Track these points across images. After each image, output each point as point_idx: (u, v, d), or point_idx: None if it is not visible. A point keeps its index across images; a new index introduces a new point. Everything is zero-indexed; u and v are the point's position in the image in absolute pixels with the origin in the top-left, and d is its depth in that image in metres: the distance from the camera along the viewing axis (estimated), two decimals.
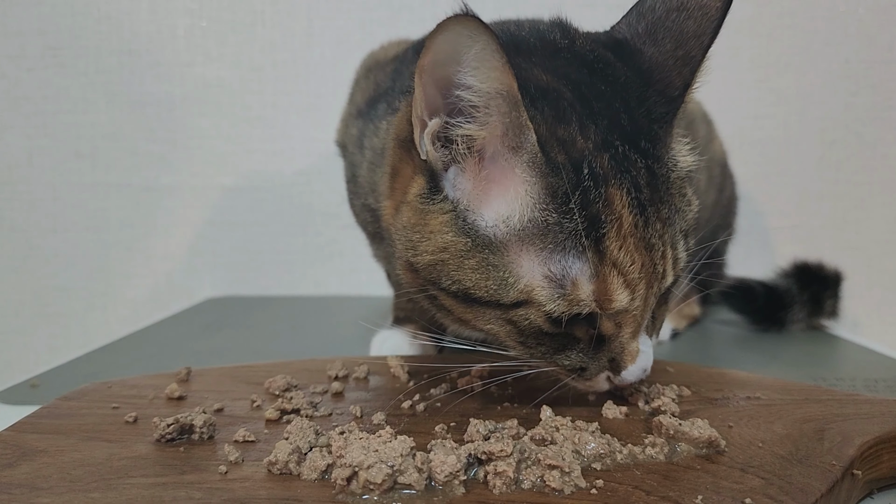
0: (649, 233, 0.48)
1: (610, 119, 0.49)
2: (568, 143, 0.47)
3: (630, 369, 0.50)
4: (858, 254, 1.32)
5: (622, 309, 0.48)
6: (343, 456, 0.41)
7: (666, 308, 0.56)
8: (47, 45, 1.34)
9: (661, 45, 0.51)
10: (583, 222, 0.46)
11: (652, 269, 0.48)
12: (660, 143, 0.50)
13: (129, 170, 1.37)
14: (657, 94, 0.51)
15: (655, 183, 0.49)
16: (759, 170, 1.31)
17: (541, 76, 0.50)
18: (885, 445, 0.47)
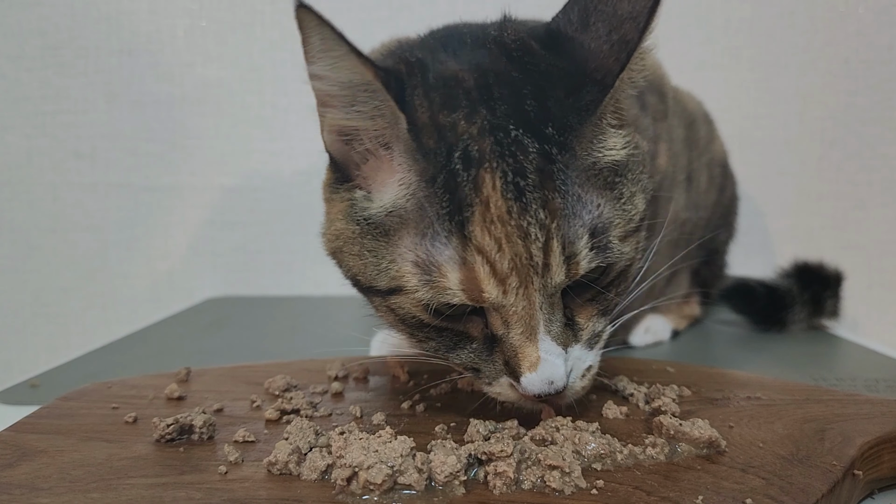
0: (527, 221, 0.44)
1: (511, 105, 0.47)
2: (446, 129, 0.46)
3: (529, 378, 0.46)
4: (859, 254, 1.32)
5: (497, 303, 0.45)
6: (343, 456, 0.41)
7: (595, 313, 0.50)
8: (47, 44, 1.34)
9: (595, 29, 0.48)
10: (447, 206, 0.45)
11: (528, 260, 0.44)
12: (572, 132, 0.47)
13: (129, 170, 1.37)
14: (591, 81, 0.47)
15: (551, 170, 0.45)
16: (759, 170, 1.31)
17: (449, 67, 0.50)
18: (885, 446, 0.47)
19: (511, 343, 0.47)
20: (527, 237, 0.44)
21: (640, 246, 0.51)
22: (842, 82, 1.31)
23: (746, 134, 1.29)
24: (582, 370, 0.50)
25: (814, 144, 1.33)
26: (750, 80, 1.31)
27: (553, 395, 0.47)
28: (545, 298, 0.46)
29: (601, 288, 0.49)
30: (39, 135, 1.36)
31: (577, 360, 0.49)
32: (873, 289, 1.32)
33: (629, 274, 0.51)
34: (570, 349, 0.48)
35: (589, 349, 0.50)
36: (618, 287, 0.50)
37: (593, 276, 0.48)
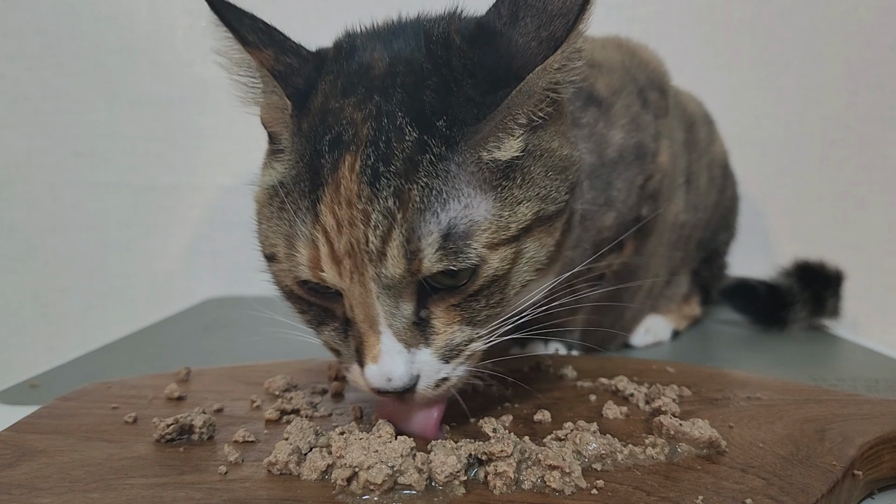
0: (373, 207, 0.43)
1: (409, 94, 0.46)
2: (331, 113, 0.47)
3: (371, 368, 0.45)
4: (859, 254, 1.32)
5: (335, 285, 0.45)
6: (343, 456, 0.41)
7: (458, 321, 0.47)
8: (46, 44, 1.34)
9: (523, 25, 0.46)
10: (309, 184, 0.45)
11: (364, 245, 0.43)
12: (464, 127, 0.45)
13: (129, 169, 1.37)
14: (512, 78, 0.45)
15: (420, 161, 0.44)
16: (760, 169, 1.31)
17: (373, 55, 0.50)
18: (885, 446, 0.47)
19: (358, 329, 0.46)
20: (368, 223, 0.43)
21: (528, 255, 0.47)
22: (842, 82, 1.31)
23: (747, 134, 1.29)
24: (434, 380, 0.46)
25: (814, 144, 1.33)
26: (750, 79, 1.31)
27: (394, 393, 0.45)
28: (382, 289, 0.44)
29: (467, 295, 0.46)
30: (39, 134, 1.36)
31: (426, 365, 0.46)
32: (874, 289, 1.32)
33: (507, 287, 0.47)
34: (417, 351, 0.46)
35: (444, 361, 0.46)
36: (489, 299, 0.46)
37: (453, 279, 0.45)
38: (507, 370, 0.64)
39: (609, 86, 0.72)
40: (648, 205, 0.77)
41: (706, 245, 1.04)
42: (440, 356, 0.46)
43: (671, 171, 0.82)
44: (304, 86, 0.49)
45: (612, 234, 0.73)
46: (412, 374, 0.45)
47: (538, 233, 0.47)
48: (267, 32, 0.52)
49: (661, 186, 0.78)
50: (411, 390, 0.46)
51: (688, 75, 1.01)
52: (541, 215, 0.47)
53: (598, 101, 0.70)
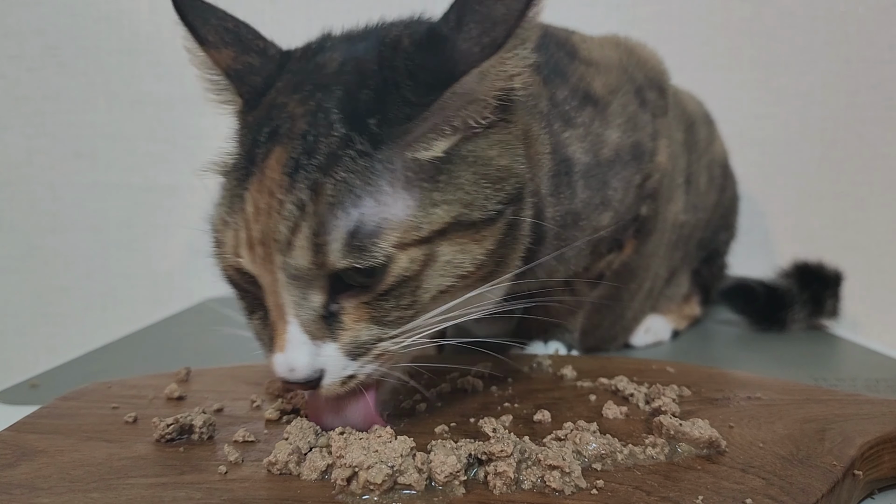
0: (289, 197, 0.44)
1: (349, 93, 0.47)
2: (276, 107, 0.48)
3: (277, 357, 0.46)
4: (859, 254, 1.32)
5: (251, 271, 0.47)
6: (343, 456, 0.41)
7: (366, 319, 0.46)
8: (47, 44, 1.34)
9: (468, 30, 0.46)
10: (243, 172, 0.47)
11: (275, 235, 0.44)
12: (393, 127, 0.45)
13: (129, 169, 1.37)
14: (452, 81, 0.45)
15: (341, 157, 0.44)
16: (760, 170, 1.31)
17: (331, 55, 0.51)
18: (886, 446, 0.47)
19: (271, 317, 0.47)
20: (281, 212, 0.44)
21: (444, 259, 0.46)
22: (842, 82, 1.31)
23: (747, 134, 1.29)
24: (340, 376, 0.46)
25: (814, 144, 1.33)
26: (750, 79, 1.31)
27: (298, 385, 0.46)
28: (290, 279, 0.44)
29: (377, 295, 0.45)
30: (39, 134, 1.36)
31: (331, 360, 0.46)
32: (874, 289, 1.32)
33: (419, 290, 0.46)
34: (322, 345, 0.45)
35: (350, 358, 0.46)
36: (399, 300, 0.46)
37: (365, 277, 0.45)
38: (506, 370, 0.64)
39: (606, 85, 0.72)
40: (647, 204, 0.77)
41: (706, 245, 1.04)
42: (346, 352, 0.46)
43: (670, 170, 0.81)
44: (262, 84, 0.51)
45: (610, 234, 0.72)
46: (315, 367, 0.45)
47: (458, 238, 0.46)
48: (233, 31, 0.53)
49: (659, 186, 0.77)
50: (317, 384, 0.46)
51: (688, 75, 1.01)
52: (461, 220, 0.46)
53: (595, 101, 0.70)
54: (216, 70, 0.53)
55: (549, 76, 0.67)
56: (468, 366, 0.64)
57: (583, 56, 0.72)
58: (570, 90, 0.68)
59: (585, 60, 0.72)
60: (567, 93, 0.68)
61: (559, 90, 0.67)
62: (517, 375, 0.63)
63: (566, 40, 0.73)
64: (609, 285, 0.81)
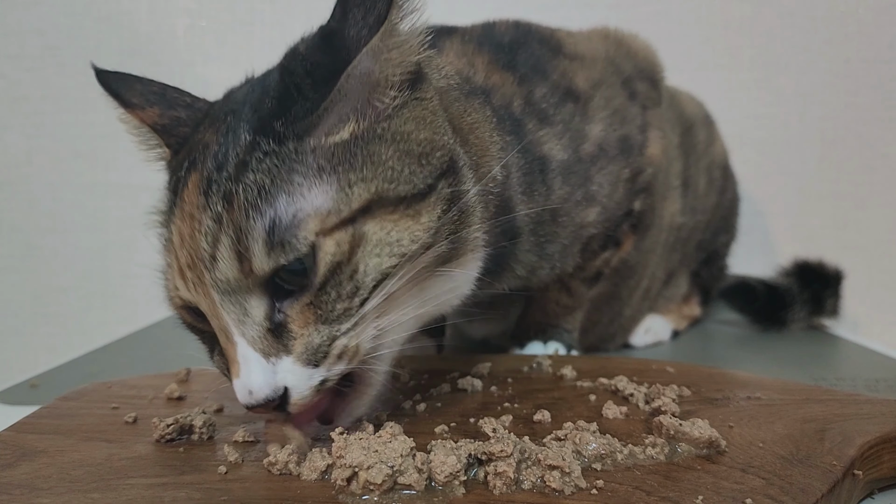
0: (206, 215, 0.44)
1: (253, 106, 0.48)
2: (194, 143, 0.50)
3: (235, 384, 0.44)
4: (859, 254, 1.32)
5: (190, 301, 0.46)
6: (343, 456, 0.41)
7: (313, 321, 0.44)
8: (47, 44, 1.34)
9: (352, 16, 0.46)
10: (168, 210, 0.48)
11: (199, 254, 0.44)
12: (297, 122, 0.45)
13: (129, 169, 1.37)
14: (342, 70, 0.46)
15: (248, 161, 0.44)
16: (760, 169, 1.31)
17: (237, 91, 0.54)
18: (885, 445, 0.47)
19: (221, 344, 0.46)
20: (200, 230, 0.44)
21: (377, 237, 0.45)
22: (842, 82, 1.31)
23: (747, 134, 1.29)
24: (309, 387, 0.44)
25: (814, 144, 1.33)
26: (750, 79, 1.31)
27: (264, 408, 0.44)
28: (225, 296, 0.44)
29: (317, 290, 0.44)
30: (39, 134, 1.36)
31: (291, 375, 0.44)
32: (873, 289, 1.32)
33: (358, 275, 0.45)
34: (279, 361, 0.44)
35: (312, 366, 0.44)
36: (340, 289, 0.44)
37: (302, 277, 0.44)
38: (506, 370, 0.64)
39: (589, 78, 0.71)
40: (641, 199, 0.75)
41: (706, 246, 1.04)
42: (304, 362, 0.44)
43: (664, 163, 0.80)
44: (189, 133, 0.53)
45: (600, 230, 0.71)
46: (276, 386, 0.43)
47: (389, 216, 0.46)
48: (158, 93, 0.57)
49: (653, 179, 0.76)
50: (284, 404, 0.44)
51: (688, 75, 1.01)
52: (385, 196, 0.45)
53: (576, 96, 0.69)
54: (143, 127, 0.56)
55: (526, 74, 0.67)
56: (468, 366, 0.64)
57: (568, 51, 0.72)
58: (549, 87, 0.68)
59: (570, 55, 0.71)
60: (546, 90, 0.67)
61: (537, 88, 0.67)
62: (517, 375, 0.63)
63: (550, 36, 0.73)
64: (608, 283, 0.80)
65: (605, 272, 0.78)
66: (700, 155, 0.97)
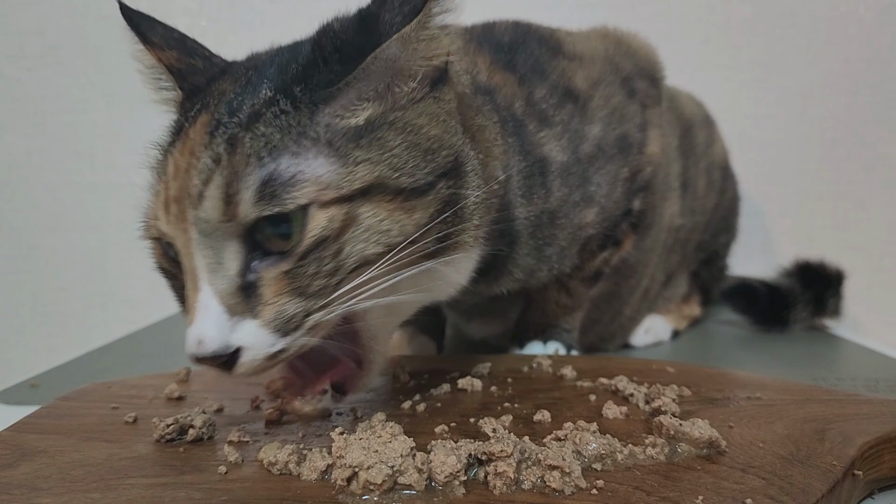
0: (206, 152, 0.44)
1: (279, 68, 0.49)
2: (209, 91, 0.50)
3: (188, 332, 0.43)
4: (859, 254, 1.32)
5: (167, 235, 0.46)
6: (343, 456, 0.41)
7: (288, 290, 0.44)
8: (46, 44, 1.34)
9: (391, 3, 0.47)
10: (167, 144, 0.49)
11: (188, 189, 0.44)
12: (318, 91, 0.46)
13: (129, 169, 1.37)
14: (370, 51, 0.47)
15: (262, 113, 0.45)
16: (760, 169, 1.31)
17: (263, 53, 0.55)
18: (886, 446, 0.47)
19: (185, 288, 0.45)
20: (196, 167, 0.44)
21: (368, 222, 0.45)
22: (843, 82, 1.31)
23: (747, 134, 1.29)
24: (265, 353, 0.44)
25: (815, 144, 1.33)
26: (751, 79, 1.31)
27: (210, 361, 0.43)
28: (202, 237, 0.43)
29: (297, 259, 0.44)
30: (39, 134, 1.36)
31: (251, 337, 0.43)
32: (874, 289, 1.32)
33: (341, 255, 0.45)
34: (242, 321, 0.43)
35: (280, 334, 0.44)
36: (320, 264, 0.44)
37: (285, 241, 0.43)
38: (506, 370, 0.64)
39: (588, 78, 0.71)
40: (640, 198, 0.75)
41: (706, 247, 1.04)
42: (272, 328, 0.43)
43: (664, 161, 0.80)
44: (204, 84, 0.53)
45: (598, 231, 0.71)
46: (227, 343, 0.43)
47: (385, 203, 0.46)
48: (178, 39, 0.56)
49: (652, 178, 0.76)
50: (231, 363, 0.43)
51: (688, 75, 1.01)
52: (386, 183, 0.46)
53: (575, 97, 0.69)
54: (159, 67, 0.55)
55: (526, 74, 0.67)
56: (468, 366, 0.64)
57: (567, 50, 0.72)
58: (549, 88, 0.67)
59: (569, 55, 0.71)
60: (546, 91, 0.67)
61: (537, 89, 0.67)
62: (517, 375, 0.63)
63: (550, 36, 0.72)
64: (608, 282, 0.80)
65: (605, 272, 0.78)
66: (699, 156, 0.96)
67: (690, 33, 1.31)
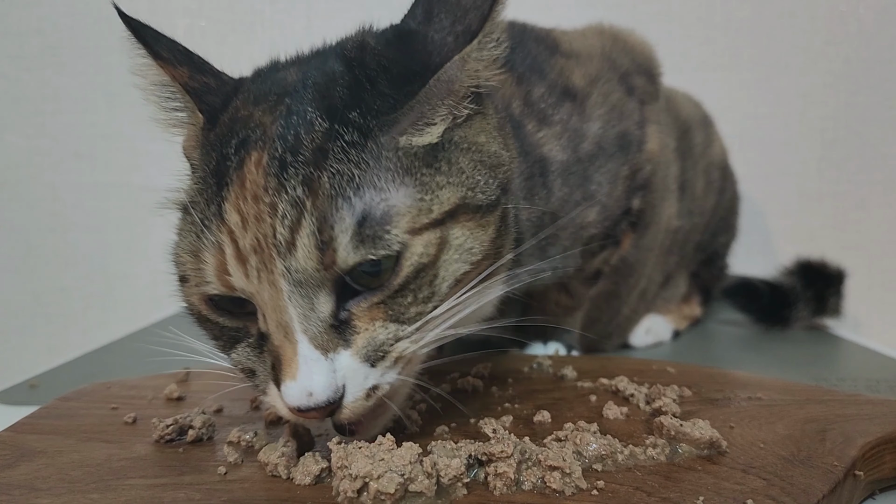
0: (281, 197, 0.41)
1: (320, 92, 0.45)
2: (240, 120, 0.46)
3: (288, 386, 0.41)
4: (860, 254, 1.32)
5: (244, 289, 0.43)
6: (348, 467, 0.40)
7: (382, 318, 0.43)
8: (46, 44, 1.34)
9: (438, 21, 0.46)
10: (213, 189, 0.44)
11: (273, 239, 0.41)
12: (379, 117, 0.44)
13: (129, 169, 1.37)
14: (430, 71, 0.45)
15: (330, 148, 0.42)
16: (760, 169, 1.31)
17: (281, 74, 0.51)
18: (887, 446, 0.47)
19: (272, 342, 0.43)
20: (275, 214, 0.41)
21: (457, 242, 0.45)
22: (843, 82, 1.31)
23: (747, 134, 1.29)
24: (363, 389, 0.42)
25: (814, 144, 1.33)
26: (751, 79, 1.31)
27: (318, 411, 0.41)
28: (295, 287, 0.41)
29: (392, 292, 0.43)
30: (39, 135, 1.36)
31: (349, 371, 0.42)
32: (874, 289, 1.32)
33: (437, 280, 0.44)
34: (336, 356, 0.42)
35: (369, 364, 0.43)
36: (417, 293, 0.43)
37: (375, 279, 0.42)
38: (507, 370, 0.64)
39: (586, 75, 0.70)
40: (639, 197, 0.75)
41: (705, 247, 1.04)
42: (363, 357, 0.42)
43: (663, 158, 0.79)
44: (220, 105, 0.49)
45: (599, 230, 0.71)
46: (336, 386, 0.41)
47: (466, 221, 0.45)
48: (185, 54, 0.52)
49: (652, 176, 0.75)
50: (337, 405, 0.42)
51: (688, 75, 1.01)
52: (468, 202, 0.45)
53: (573, 95, 0.68)
54: (173, 86, 0.50)
55: (524, 74, 0.66)
56: (468, 366, 0.64)
57: (564, 49, 0.71)
58: (547, 87, 0.67)
59: (566, 53, 0.71)
60: (544, 90, 0.67)
61: (535, 88, 0.66)
62: (517, 376, 0.63)
63: (546, 35, 0.72)
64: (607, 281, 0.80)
65: (605, 271, 0.78)
66: (697, 158, 0.96)
67: (690, 33, 1.30)
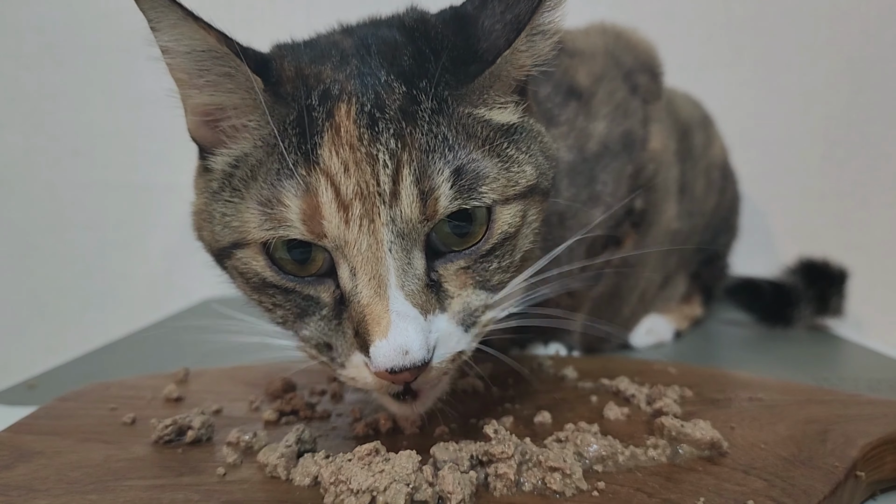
0: (377, 148, 0.41)
1: (387, 59, 0.46)
2: (310, 77, 0.45)
3: (379, 346, 0.39)
4: (862, 254, 1.32)
5: (339, 237, 0.41)
6: (347, 481, 0.38)
7: (471, 284, 0.44)
8: (45, 42, 1.33)
9: (491, 8, 0.46)
10: (297, 137, 0.43)
11: (375, 187, 0.41)
12: (448, 87, 0.44)
13: (128, 168, 1.37)
14: (482, 53, 0.46)
15: (414, 110, 0.43)
16: (762, 169, 1.31)
17: (330, 40, 0.50)
18: (888, 447, 0.47)
19: (359, 300, 0.41)
20: (375, 163, 0.41)
21: (530, 220, 0.47)
22: (845, 80, 1.30)
23: (749, 133, 1.29)
24: (452, 351, 0.42)
25: (817, 143, 1.33)
26: (752, 78, 1.31)
27: (411, 371, 0.40)
28: (396, 238, 0.41)
29: (479, 256, 0.44)
30: (38, 133, 1.36)
31: (444, 334, 0.42)
32: (876, 289, 1.31)
33: (516, 251, 0.46)
34: (433, 317, 0.41)
35: (463, 329, 0.43)
36: (501, 260, 0.45)
37: (463, 239, 0.43)
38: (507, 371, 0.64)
39: (590, 74, 0.70)
40: (642, 195, 0.75)
41: (706, 247, 1.04)
42: (458, 321, 0.43)
43: (666, 157, 0.79)
44: (262, 69, 0.46)
45: (603, 230, 0.71)
46: (430, 346, 0.40)
47: (535, 202, 0.48)
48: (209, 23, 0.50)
49: (655, 175, 0.75)
50: (426, 366, 0.40)
51: (689, 74, 1.01)
52: (539, 185, 0.47)
53: (579, 94, 0.68)
54: (218, 50, 0.45)
55: None
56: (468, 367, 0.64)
57: (567, 48, 0.71)
58: (552, 86, 0.67)
59: (570, 52, 0.71)
60: (550, 89, 0.67)
61: (541, 88, 0.66)
62: (518, 376, 0.63)
63: None
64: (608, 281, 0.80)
65: (606, 271, 0.78)
66: (697, 159, 0.96)
67: (692, 32, 1.30)
